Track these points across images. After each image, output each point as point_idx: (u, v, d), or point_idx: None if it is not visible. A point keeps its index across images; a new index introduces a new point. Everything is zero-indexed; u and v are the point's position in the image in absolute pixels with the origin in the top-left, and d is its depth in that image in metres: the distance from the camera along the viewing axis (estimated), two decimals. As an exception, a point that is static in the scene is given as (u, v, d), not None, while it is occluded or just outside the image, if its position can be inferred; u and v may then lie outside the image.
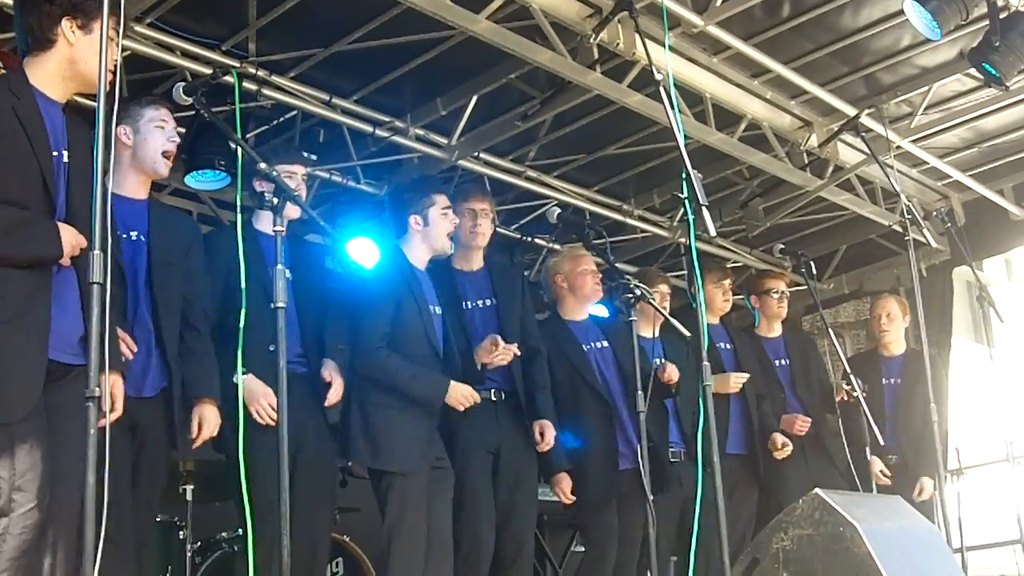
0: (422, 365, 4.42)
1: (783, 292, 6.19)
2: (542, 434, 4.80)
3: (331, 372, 4.35)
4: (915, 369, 6.08)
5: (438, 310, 4.62)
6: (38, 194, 3.00)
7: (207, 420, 3.83)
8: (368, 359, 4.39)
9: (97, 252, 2.54)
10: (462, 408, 4.41)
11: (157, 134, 3.84)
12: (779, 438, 5.76)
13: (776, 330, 6.26)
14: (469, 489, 4.57)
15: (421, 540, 4.31)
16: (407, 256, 4.65)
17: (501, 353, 4.53)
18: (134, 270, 3.73)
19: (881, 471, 5.85)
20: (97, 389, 2.51)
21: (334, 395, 4.32)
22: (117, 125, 3.60)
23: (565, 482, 4.96)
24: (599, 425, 5.13)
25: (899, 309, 6.37)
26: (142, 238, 3.80)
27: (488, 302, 4.92)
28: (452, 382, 4.42)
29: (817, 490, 3.71)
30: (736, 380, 5.66)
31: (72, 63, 3.10)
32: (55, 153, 3.05)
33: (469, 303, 4.87)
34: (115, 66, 3.24)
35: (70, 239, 2.94)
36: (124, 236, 3.71)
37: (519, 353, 4.66)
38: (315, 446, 4.27)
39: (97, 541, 2.48)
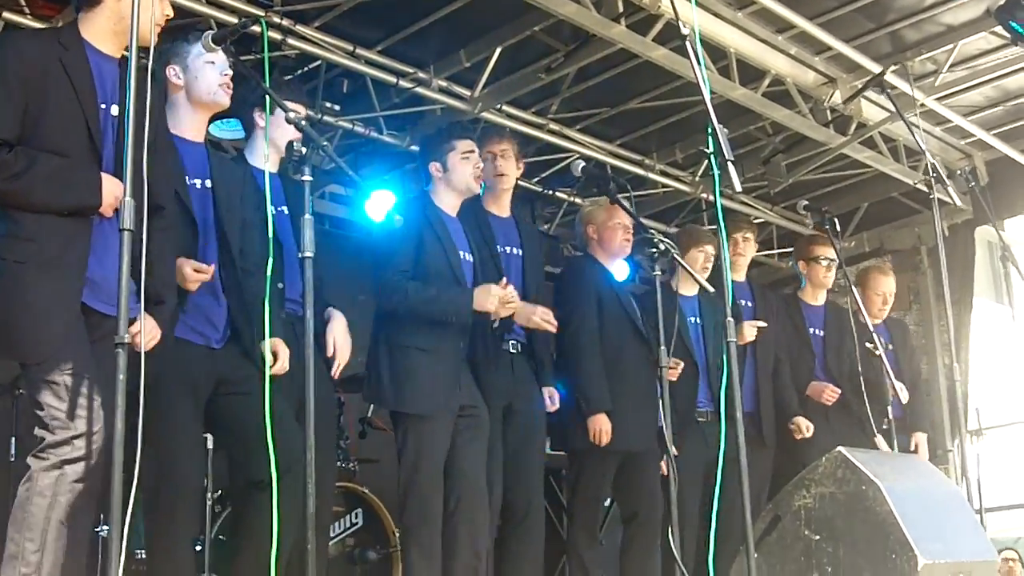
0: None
1: (832, 260, 6.15)
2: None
3: (335, 334, 4.21)
4: (899, 334, 6.27)
5: (469, 256, 4.61)
6: (84, 145, 3.02)
7: (280, 354, 3.79)
8: (388, 289, 4.41)
9: (128, 199, 2.55)
10: (493, 308, 4.37)
11: (208, 69, 3.69)
12: (803, 423, 5.77)
13: (820, 298, 6.25)
14: None
15: (437, 486, 4.34)
16: (435, 202, 4.65)
17: (513, 305, 4.51)
18: (203, 219, 3.70)
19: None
20: (127, 336, 2.52)
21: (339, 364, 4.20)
22: (166, 66, 3.64)
23: (605, 423, 4.96)
24: (643, 374, 5.09)
25: (895, 284, 6.37)
26: (206, 184, 3.76)
27: (516, 251, 4.92)
28: (475, 289, 4.39)
29: (840, 448, 3.72)
30: (750, 328, 5.63)
31: (121, 18, 3.09)
32: (103, 106, 3.07)
33: (500, 247, 4.85)
34: (166, 20, 3.22)
35: (113, 190, 2.96)
36: (191, 183, 3.68)
37: (554, 324, 4.65)
38: (315, 390, 4.25)
39: (128, 489, 2.51)
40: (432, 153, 4.71)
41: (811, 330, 6.09)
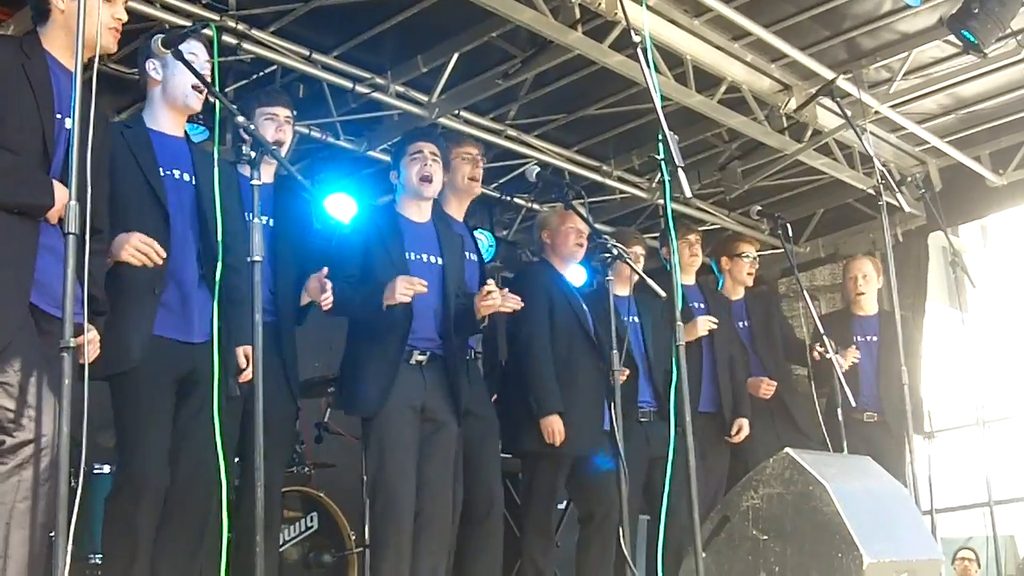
0: (394, 312, 4.37)
1: (755, 257, 6.24)
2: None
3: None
4: (891, 328, 6.15)
5: (438, 260, 4.61)
6: (38, 152, 3.05)
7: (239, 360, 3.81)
8: (336, 296, 4.40)
9: (73, 203, 2.55)
10: (407, 298, 4.29)
11: (185, 73, 3.68)
12: (743, 423, 5.84)
13: (739, 293, 6.34)
14: None
15: (404, 484, 4.34)
16: (399, 211, 4.67)
17: (494, 297, 4.52)
18: (182, 212, 3.71)
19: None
20: (73, 340, 2.53)
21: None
22: (146, 60, 3.69)
23: (557, 423, 4.98)
24: (591, 378, 5.13)
25: (874, 270, 6.45)
26: (185, 177, 3.76)
27: (473, 256, 4.96)
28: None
29: (788, 449, 3.77)
30: (704, 323, 5.69)
31: (69, 30, 3.10)
32: (58, 116, 3.09)
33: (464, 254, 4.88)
34: (119, 24, 3.24)
35: (61, 196, 2.96)
36: (167, 174, 3.69)
37: (520, 304, 4.65)
38: (272, 398, 4.26)
39: (72, 494, 2.51)
40: (393, 161, 4.77)
41: (738, 324, 6.19)
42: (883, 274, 6.46)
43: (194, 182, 3.77)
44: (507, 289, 4.73)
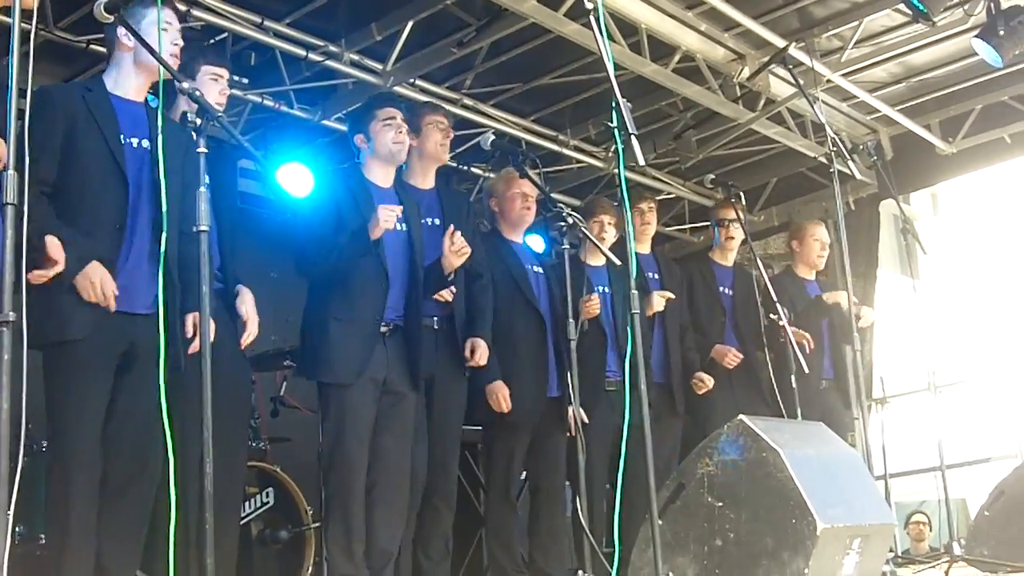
0: (371, 280, 4.40)
1: (732, 220, 6.25)
2: (473, 351, 4.82)
3: (246, 306, 4.16)
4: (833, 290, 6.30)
5: (402, 227, 4.60)
6: None
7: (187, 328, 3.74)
8: (312, 263, 4.44)
9: (11, 172, 2.49)
10: (390, 224, 4.32)
11: (161, 37, 3.61)
12: (705, 376, 5.86)
13: (730, 259, 6.35)
14: None
15: (360, 456, 4.34)
16: (367, 176, 4.64)
17: (460, 247, 4.54)
18: (139, 180, 3.64)
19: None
20: (11, 314, 2.47)
21: (249, 334, 4.16)
22: (118, 26, 3.59)
23: (503, 389, 5.00)
24: (532, 344, 5.16)
25: (828, 236, 6.51)
26: (144, 144, 3.69)
27: (436, 221, 4.93)
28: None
29: (741, 416, 3.78)
30: (659, 298, 5.69)
31: None
32: None
33: (421, 219, 4.86)
34: None
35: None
36: (127, 142, 3.63)
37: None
38: (228, 368, 4.23)
39: (13, 471, 2.46)
40: (356, 126, 4.72)
41: (721, 289, 6.20)
42: (835, 242, 6.49)
43: (151, 149, 3.69)
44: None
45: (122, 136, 3.64)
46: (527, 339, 5.16)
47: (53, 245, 3.30)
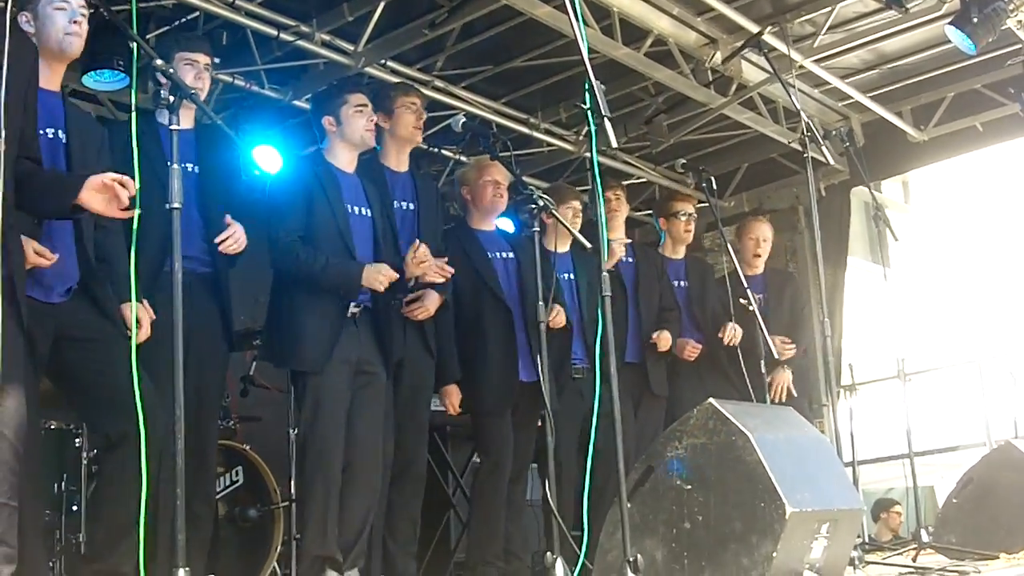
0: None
1: (691, 215, 6.25)
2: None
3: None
4: (777, 285, 6.39)
5: (367, 212, 4.59)
6: None
7: (143, 321, 3.72)
8: (280, 252, 4.42)
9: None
10: (382, 289, 4.39)
11: (58, 16, 3.52)
12: (664, 334, 5.85)
13: (680, 252, 6.34)
14: None
15: (335, 439, 4.34)
16: (329, 160, 4.62)
17: (427, 264, 4.55)
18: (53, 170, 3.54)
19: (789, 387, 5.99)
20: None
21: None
22: (19, 12, 3.47)
23: (454, 395, 5.08)
24: (499, 334, 5.17)
25: (771, 232, 6.50)
26: (60, 135, 3.61)
27: (410, 205, 4.92)
28: (366, 265, 4.41)
29: (711, 400, 3.78)
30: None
31: None
32: None
33: (395, 203, 4.86)
34: None
35: None
36: (41, 133, 3.50)
37: (449, 272, 4.69)
38: (209, 353, 4.23)
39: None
40: (325, 108, 4.68)
41: (675, 283, 6.19)
42: (806, 228, 6.52)
43: (66, 140, 3.61)
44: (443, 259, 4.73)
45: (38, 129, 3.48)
46: (495, 331, 5.17)
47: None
